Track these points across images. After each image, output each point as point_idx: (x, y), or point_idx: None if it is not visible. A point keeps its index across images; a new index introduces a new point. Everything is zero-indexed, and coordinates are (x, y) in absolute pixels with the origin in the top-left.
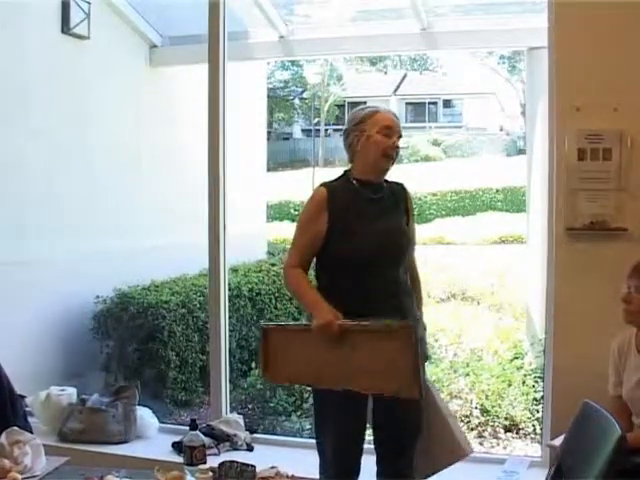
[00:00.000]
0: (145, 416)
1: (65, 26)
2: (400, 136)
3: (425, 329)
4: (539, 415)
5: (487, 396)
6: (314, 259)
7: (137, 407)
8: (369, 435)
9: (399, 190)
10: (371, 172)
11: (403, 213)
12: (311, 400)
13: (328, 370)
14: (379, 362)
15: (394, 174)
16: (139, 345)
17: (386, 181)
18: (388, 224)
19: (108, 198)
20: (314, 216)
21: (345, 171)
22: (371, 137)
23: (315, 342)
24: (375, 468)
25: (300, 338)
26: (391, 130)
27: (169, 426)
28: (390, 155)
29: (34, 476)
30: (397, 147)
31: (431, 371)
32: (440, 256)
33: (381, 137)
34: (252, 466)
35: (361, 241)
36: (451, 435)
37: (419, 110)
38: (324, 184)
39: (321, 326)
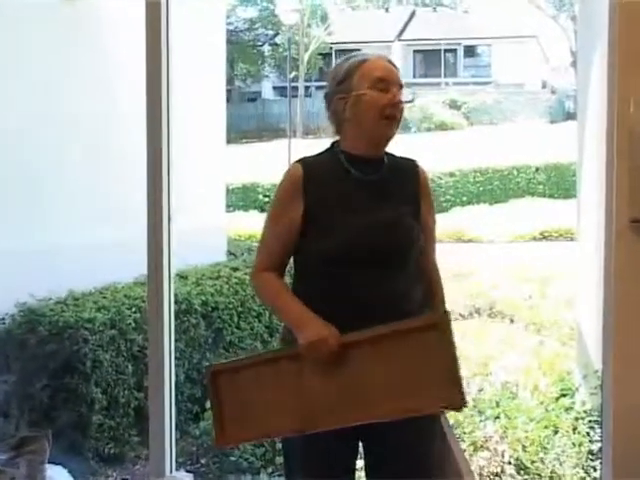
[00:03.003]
0: (58, 477)
1: None
2: (401, 87)
3: None
4: (596, 474)
5: (525, 447)
6: (290, 260)
7: (47, 465)
8: None
9: (408, 169)
10: (369, 144)
11: (411, 200)
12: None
13: (322, 406)
14: (401, 375)
15: (397, 147)
16: (51, 379)
17: (392, 156)
18: (382, 215)
19: (10, 180)
20: (286, 202)
21: (333, 142)
22: (362, 96)
23: (295, 373)
24: None
25: (269, 373)
26: (387, 82)
27: None
28: (391, 115)
29: None
30: (399, 102)
31: (449, 413)
32: (460, 258)
33: (375, 93)
34: None
35: (341, 237)
36: None
37: (432, 60)
38: (301, 160)
39: (311, 344)
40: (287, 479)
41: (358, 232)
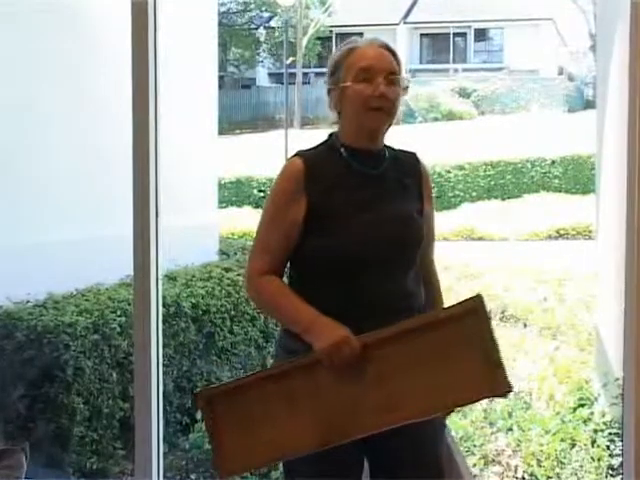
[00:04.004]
0: None
1: None
2: (392, 74)
3: None
4: None
5: (539, 462)
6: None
7: None
8: None
9: (410, 163)
10: (360, 136)
11: (415, 196)
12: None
13: (349, 414)
14: (439, 368)
15: (397, 138)
16: (29, 389)
17: (392, 149)
18: (391, 211)
19: None
20: (288, 200)
21: (330, 134)
22: (346, 89)
23: (311, 383)
24: None
25: (279, 389)
26: (371, 71)
27: None
28: (377, 107)
29: None
30: (382, 94)
31: (457, 424)
32: (470, 257)
33: (358, 85)
34: None
35: (349, 235)
36: None
37: (440, 45)
38: (300, 154)
39: (332, 347)
40: None
41: (366, 229)
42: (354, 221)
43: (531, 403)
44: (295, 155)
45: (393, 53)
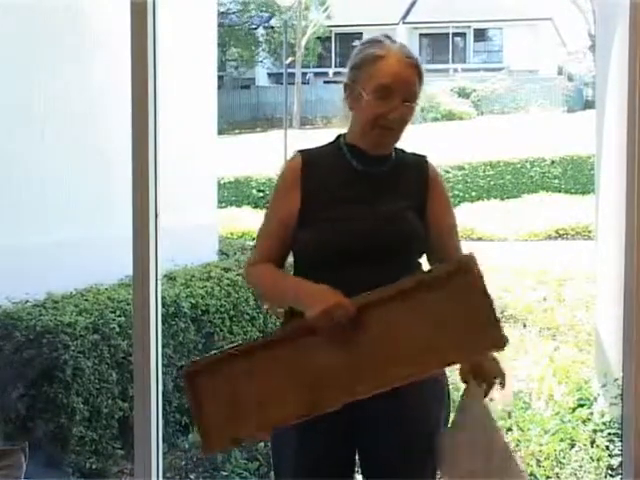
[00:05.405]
0: None
1: None
2: (412, 95)
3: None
4: None
5: (539, 462)
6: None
7: None
8: None
9: (416, 166)
10: (365, 144)
11: (415, 198)
12: None
13: (335, 381)
14: (435, 326)
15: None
16: (29, 388)
17: (401, 151)
18: (378, 208)
19: None
20: (284, 194)
21: (338, 135)
22: (362, 97)
23: (295, 353)
24: None
25: (262, 360)
26: (391, 90)
27: None
28: (386, 126)
29: None
30: (396, 118)
31: None
32: None
33: (374, 100)
34: None
35: (329, 229)
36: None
37: (439, 45)
38: (302, 151)
39: (325, 312)
40: None
41: (348, 223)
42: (339, 214)
43: (530, 403)
44: (297, 152)
45: (418, 68)
